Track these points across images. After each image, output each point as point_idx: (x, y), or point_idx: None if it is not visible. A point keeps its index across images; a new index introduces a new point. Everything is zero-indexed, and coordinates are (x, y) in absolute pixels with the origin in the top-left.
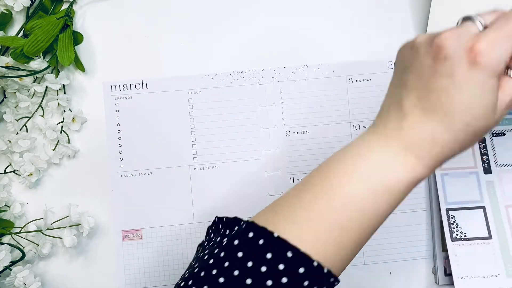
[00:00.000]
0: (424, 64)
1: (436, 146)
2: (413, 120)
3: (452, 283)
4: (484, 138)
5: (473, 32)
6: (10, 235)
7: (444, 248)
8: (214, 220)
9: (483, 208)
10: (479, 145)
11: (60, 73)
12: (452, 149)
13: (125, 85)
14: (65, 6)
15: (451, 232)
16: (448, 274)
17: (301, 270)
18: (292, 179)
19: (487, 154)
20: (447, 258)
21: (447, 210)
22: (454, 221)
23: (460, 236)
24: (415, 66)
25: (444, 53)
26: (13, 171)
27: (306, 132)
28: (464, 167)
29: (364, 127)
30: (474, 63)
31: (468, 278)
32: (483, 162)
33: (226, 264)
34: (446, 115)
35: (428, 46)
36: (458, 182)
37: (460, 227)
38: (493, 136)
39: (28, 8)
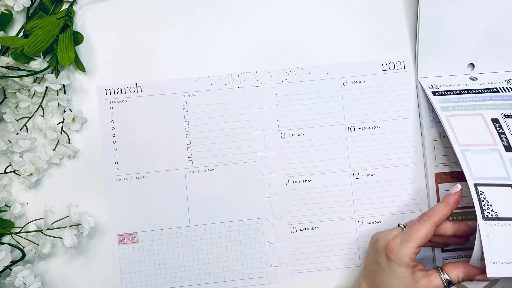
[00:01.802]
0: (370, 254)
1: None
2: None
3: None
4: (497, 118)
5: (394, 234)
6: (10, 235)
7: (443, 249)
8: None
9: (511, 186)
10: (494, 125)
11: (60, 73)
12: None
13: (119, 89)
14: (65, 6)
15: (482, 210)
16: None
17: None
18: (287, 181)
19: (504, 133)
20: (446, 259)
21: (475, 185)
22: (484, 198)
23: (492, 215)
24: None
25: (375, 247)
26: (13, 171)
27: (301, 134)
28: (484, 144)
29: (359, 128)
30: (388, 256)
31: (500, 264)
32: (502, 141)
33: None
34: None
35: (372, 241)
36: (481, 158)
37: (491, 205)
38: (505, 117)
39: (28, 8)
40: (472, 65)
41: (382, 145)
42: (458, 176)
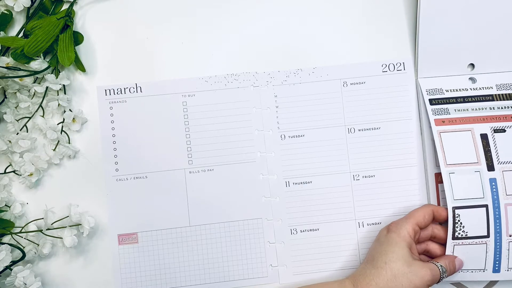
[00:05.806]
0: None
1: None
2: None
3: (451, 283)
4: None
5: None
6: (10, 235)
7: None
8: None
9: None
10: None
11: (60, 73)
12: (379, 283)
13: (119, 89)
14: (65, 6)
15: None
16: None
17: None
18: (287, 183)
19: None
20: None
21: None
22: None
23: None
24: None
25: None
26: (14, 171)
27: (301, 136)
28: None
29: (359, 130)
30: (388, 229)
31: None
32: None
33: None
34: (373, 259)
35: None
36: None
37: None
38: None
39: (29, 8)
40: (472, 65)
41: (382, 146)
42: None
